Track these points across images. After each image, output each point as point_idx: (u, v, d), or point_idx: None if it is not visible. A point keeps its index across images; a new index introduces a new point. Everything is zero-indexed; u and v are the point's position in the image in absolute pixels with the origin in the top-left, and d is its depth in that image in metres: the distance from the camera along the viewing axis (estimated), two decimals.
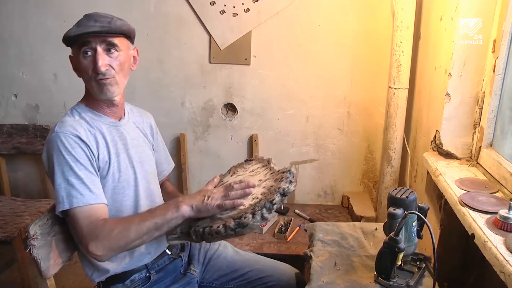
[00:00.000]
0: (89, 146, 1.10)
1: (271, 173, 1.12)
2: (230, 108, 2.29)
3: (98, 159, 1.12)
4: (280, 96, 2.22)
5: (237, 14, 2.09)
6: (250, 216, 0.94)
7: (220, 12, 2.10)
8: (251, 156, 2.30)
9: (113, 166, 1.15)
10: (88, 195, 1.06)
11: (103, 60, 1.10)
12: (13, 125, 2.28)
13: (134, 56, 1.24)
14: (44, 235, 1.11)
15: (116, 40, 1.13)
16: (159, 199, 1.31)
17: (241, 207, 1.01)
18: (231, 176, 1.23)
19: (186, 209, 1.03)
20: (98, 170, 1.13)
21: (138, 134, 1.29)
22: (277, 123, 2.27)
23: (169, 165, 1.47)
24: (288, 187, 1.00)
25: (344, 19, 2.08)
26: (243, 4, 2.07)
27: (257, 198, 1.01)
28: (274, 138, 2.29)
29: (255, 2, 2.07)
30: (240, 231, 0.95)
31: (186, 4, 2.10)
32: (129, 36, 1.18)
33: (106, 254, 1.04)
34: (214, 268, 1.35)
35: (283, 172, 1.06)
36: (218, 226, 0.96)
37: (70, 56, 1.17)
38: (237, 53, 2.16)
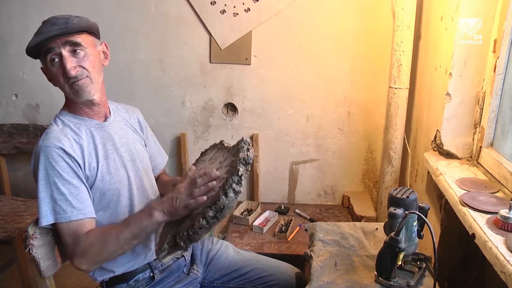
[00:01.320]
0: (73, 157, 1.08)
1: (228, 151, 1.14)
2: (231, 107, 2.29)
3: (84, 167, 1.10)
4: (281, 96, 2.22)
5: (237, 14, 2.09)
6: (223, 197, 0.97)
7: (220, 11, 2.10)
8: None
9: (102, 169, 1.14)
10: (70, 211, 1.06)
11: (71, 63, 1.07)
12: (14, 125, 2.28)
13: (103, 51, 1.19)
14: (43, 235, 1.11)
15: (79, 39, 1.08)
16: (153, 196, 1.29)
17: (212, 193, 1.02)
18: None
19: (158, 215, 1.05)
20: (87, 179, 1.11)
21: (127, 131, 1.27)
22: (277, 123, 2.27)
23: (163, 158, 1.44)
24: (247, 155, 1.03)
25: (344, 19, 2.08)
26: (243, 3, 2.07)
27: (224, 178, 1.03)
28: (275, 138, 2.29)
29: (256, 2, 2.06)
30: (220, 215, 0.98)
31: (187, 3, 2.10)
32: (92, 32, 1.14)
33: (90, 268, 1.11)
34: (216, 268, 1.35)
35: (238, 145, 1.08)
36: (199, 221, 0.97)
37: (41, 68, 1.13)
38: (238, 53, 2.16)
